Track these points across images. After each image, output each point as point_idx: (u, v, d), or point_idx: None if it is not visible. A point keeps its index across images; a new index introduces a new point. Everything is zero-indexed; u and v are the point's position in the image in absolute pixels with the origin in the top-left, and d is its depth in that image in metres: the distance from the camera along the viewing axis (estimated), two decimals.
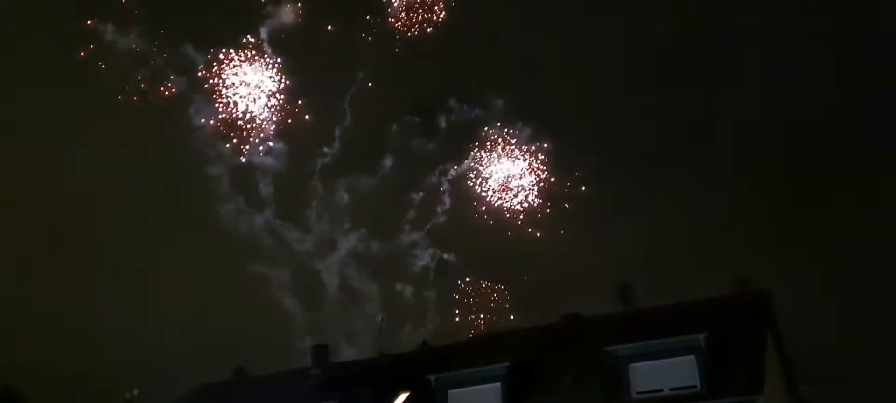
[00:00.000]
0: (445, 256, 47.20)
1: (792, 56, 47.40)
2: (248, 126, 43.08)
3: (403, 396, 27.22)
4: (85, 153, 46.70)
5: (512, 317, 43.40)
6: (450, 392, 25.69)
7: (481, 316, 44.65)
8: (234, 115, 42.46)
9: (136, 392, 32.47)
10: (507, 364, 25.32)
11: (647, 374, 23.23)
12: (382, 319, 33.67)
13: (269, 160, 45.78)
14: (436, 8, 45.04)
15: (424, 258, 46.86)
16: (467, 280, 46.30)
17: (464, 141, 48.46)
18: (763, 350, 23.52)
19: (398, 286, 46.74)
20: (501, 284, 46.59)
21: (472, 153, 48.31)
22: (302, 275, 47.29)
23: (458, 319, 44.23)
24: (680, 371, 22.88)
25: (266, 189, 47.51)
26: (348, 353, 37.89)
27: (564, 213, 48.97)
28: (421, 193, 47.93)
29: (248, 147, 44.15)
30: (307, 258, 47.43)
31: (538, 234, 49.48)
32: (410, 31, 44.32)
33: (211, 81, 42.97)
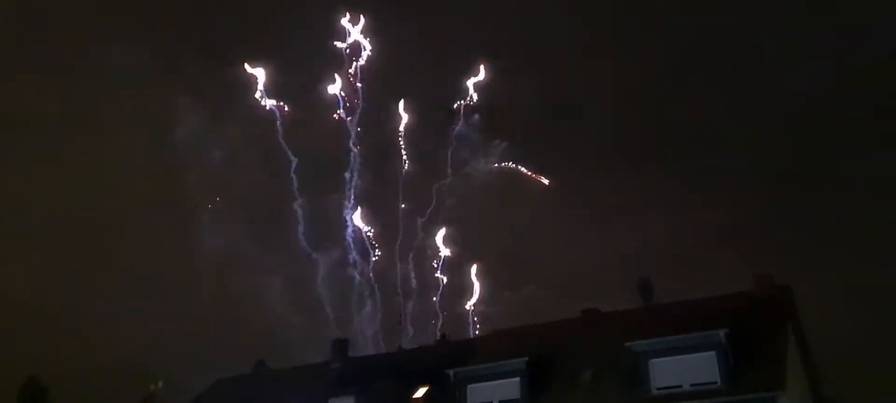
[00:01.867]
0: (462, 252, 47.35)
1: (811, 56, 47.20)
2: None
3: (423, 390, 27.28)
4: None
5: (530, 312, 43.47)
6: (469, 386, 25.71)
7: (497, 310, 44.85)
8: None
9: (160, 384, 32.90)
10: (526, 359, 25.29)
11: (667, 370, 23.11)
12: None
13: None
14: None
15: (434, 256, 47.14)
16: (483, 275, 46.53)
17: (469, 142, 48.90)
18: (785, 346, 23.27)
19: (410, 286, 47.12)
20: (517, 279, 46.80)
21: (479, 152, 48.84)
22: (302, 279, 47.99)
23: (473, 315, 44.43)
24: (700, 367, 22.70)
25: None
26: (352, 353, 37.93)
27: (583, 209, 48.99)
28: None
29: None
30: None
31: (556, 230, 49.51)
32: None
33: None
